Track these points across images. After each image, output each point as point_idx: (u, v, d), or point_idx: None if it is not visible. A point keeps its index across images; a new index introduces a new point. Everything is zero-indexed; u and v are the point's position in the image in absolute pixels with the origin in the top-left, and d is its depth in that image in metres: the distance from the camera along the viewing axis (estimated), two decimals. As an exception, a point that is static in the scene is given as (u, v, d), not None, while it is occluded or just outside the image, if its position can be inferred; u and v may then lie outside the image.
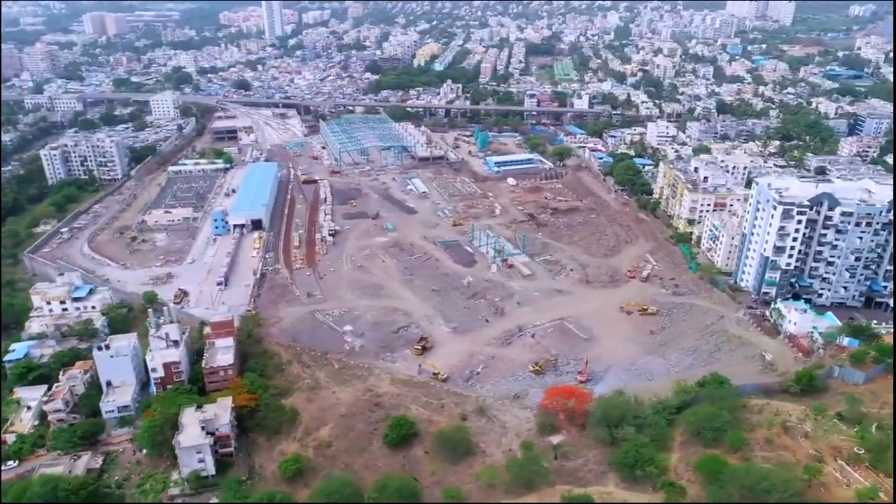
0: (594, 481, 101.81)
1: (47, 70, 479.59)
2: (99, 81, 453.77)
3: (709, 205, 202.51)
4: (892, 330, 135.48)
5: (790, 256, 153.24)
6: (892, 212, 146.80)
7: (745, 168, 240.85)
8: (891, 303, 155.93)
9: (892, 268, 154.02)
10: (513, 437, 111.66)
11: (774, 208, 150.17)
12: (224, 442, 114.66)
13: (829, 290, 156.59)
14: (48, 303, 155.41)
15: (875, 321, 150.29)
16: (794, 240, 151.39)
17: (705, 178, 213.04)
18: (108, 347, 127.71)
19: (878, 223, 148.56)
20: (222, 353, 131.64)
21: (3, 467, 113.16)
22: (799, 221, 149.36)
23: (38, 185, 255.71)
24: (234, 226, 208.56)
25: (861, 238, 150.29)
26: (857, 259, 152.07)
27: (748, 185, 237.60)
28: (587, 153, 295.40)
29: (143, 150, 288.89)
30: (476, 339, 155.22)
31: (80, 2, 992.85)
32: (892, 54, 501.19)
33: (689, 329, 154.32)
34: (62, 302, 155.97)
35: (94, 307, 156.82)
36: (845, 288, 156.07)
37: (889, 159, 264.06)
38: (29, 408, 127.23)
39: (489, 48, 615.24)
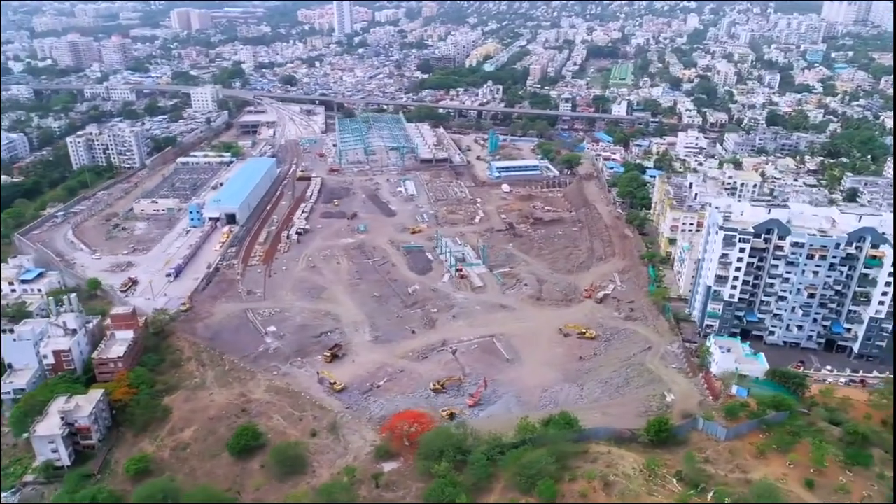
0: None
1: (119, 62, 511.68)
2: (160, 74, 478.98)
3: (691, 224, 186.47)
4: (824, 381, 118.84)
5: (733, 287, 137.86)
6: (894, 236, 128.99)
7: (755, 186, 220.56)
8: (855, 348, 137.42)
9: (855, 309, 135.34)
10: (350, 459, 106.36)
11: (717, 233, 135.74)
12: (84, 434, 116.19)
13: (781, 328, 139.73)
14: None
15: (828, 367, 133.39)
16: (738, 269, 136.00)
17: (696, 194, 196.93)
18: (11, 331, 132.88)
19: (834, 257, 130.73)
20: (117, 345, 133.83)
21: None
22: (742, 250, 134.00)
23: (61, 170, 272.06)
24: (210, 218, 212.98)
25: (816, 273, 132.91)
26: (811, 296, 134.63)
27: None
28: (601, 162, 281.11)
29: (164, 141, 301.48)
30: (394, 351, 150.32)
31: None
32: None
33: (615, 358, 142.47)
34: (10, 283, 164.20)
35: (40, 290, 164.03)
36: (799, 327, 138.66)
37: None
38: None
39: (550, 49, 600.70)
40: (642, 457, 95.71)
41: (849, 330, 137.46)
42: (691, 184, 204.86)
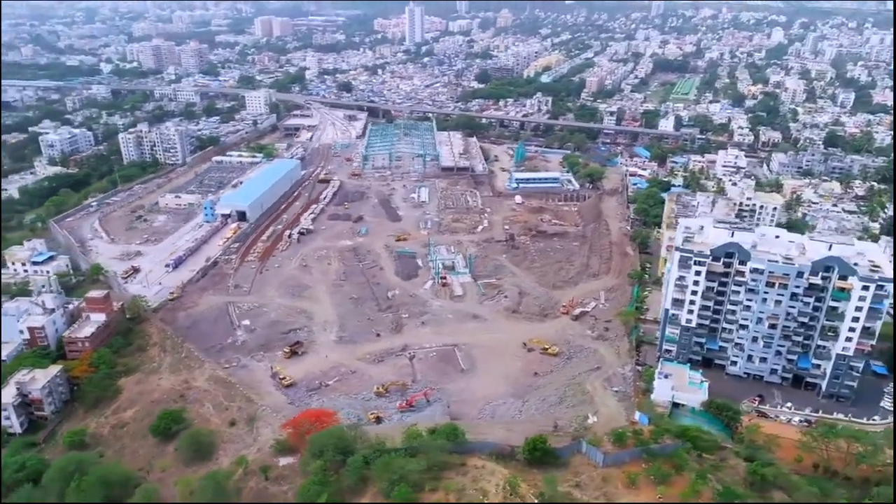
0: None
1: (194, 65, 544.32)
2: (228, 78, 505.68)
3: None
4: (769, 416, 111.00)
5: (690, 312, 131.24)
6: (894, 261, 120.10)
7: (774, 209, 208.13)
8: (823, 385, 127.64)
9: (823, 344, 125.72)
10: (254, 450, 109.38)
11: (674, 255, 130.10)
12: (37, 405, 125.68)
13: (742, 358, 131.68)
14: (12, 263, 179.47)
15: (788, 404, 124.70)
16: (694, 293, 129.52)
17: (698, 215, 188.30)
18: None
19: (797, 287, 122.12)
20: (89, 327, 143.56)
21: None
22: (698, 273, 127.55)
23: (110, 163, 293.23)
24: (222, 215, 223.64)
25: (778, 302, 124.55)
26: (773, 327, 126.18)
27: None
28: (626, 177, 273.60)
29: (207, 140, 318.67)
30: (354, 352, 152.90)
31: (267, 2, 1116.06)
32: None
33: (565, 376, 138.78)
34: (23, 264, 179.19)
35: (48, 271, 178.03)
36: (763, 359, 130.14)
37: None
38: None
39: (615, 62, 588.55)
40: (519, 475, 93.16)
41: (817, 366, 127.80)
42: (698, 203, 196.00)
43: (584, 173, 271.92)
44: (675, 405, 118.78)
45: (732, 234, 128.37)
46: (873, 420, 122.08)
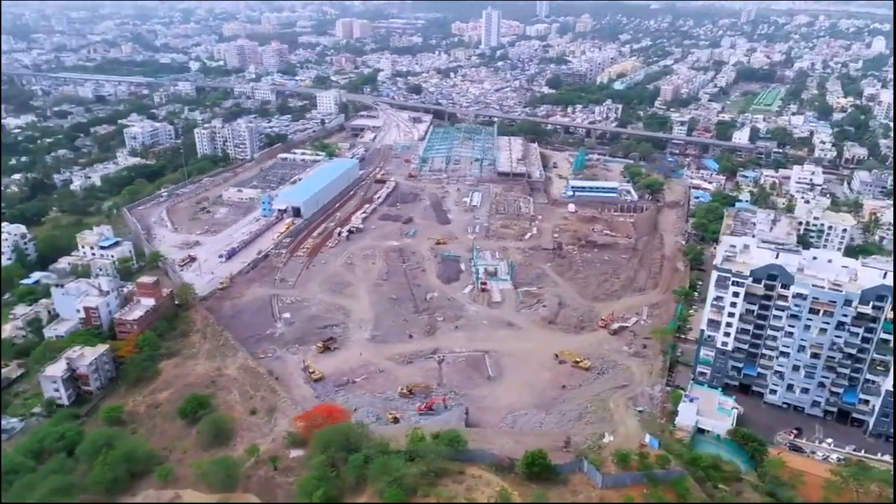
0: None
1: (274, 65, 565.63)
2: (304, 78, 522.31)
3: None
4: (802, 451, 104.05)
5: (727, 335, 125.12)
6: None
7: (843, 231, 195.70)
8: (871, 423, 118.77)
9: (873, 378, 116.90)
10: (269, 440, 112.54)
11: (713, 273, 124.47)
12: (84, 380, 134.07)
13: (781, 387, 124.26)
14: (82, 246, 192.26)
15: (829, 440, 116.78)
16: (731, 315, 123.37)
17: (755, 234, 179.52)
18: (62, 286, 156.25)
19: (844, 315, 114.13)
20: (138, 310, 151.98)
21: None
22: (736, 294, 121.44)
23: (185, 156, 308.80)
24: (278, 210, 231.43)
25: (824, 331, 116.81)
26: (815, 356, 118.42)
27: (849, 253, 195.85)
28: (689, 190, 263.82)
29: (276, 137, 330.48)
30: (384, 351, 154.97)
31: (351, 3, 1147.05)
32: None
33: (592, 391, 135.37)
34: (91, 248, 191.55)
35: (112, 256, 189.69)
36: (804, 390, 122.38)
37: None
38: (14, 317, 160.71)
39: (696, 70, 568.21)
40: (512, 488, 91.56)
41: (865, 402, 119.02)
42: (755, 222, 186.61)
43: (644, 184, 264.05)
44: (701, 431, 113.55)
45: (777, 255, 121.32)
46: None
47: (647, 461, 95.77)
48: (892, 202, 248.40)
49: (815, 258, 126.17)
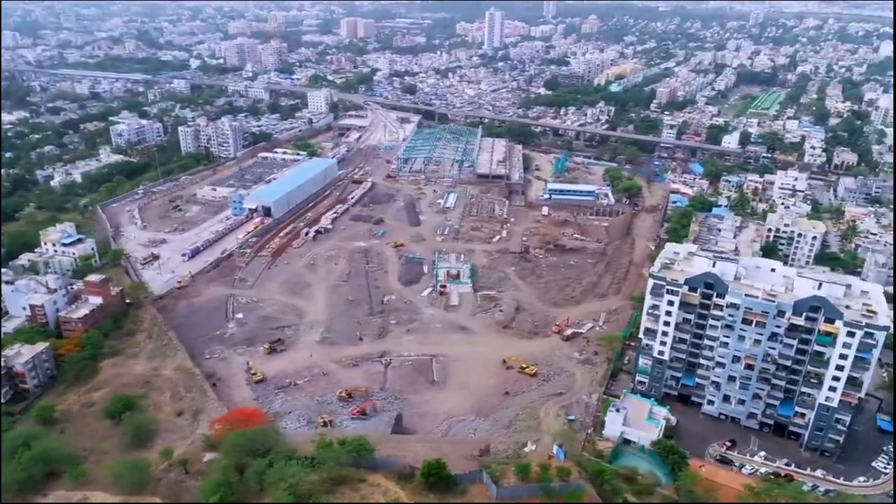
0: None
1: (272, 64, 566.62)
2: (301, 77, 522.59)
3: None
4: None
5: (663, 344, 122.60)
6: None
7: (814, 239, 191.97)
8: (806, 435, 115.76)
9: (808, 391, 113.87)
10: (187, 443, 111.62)
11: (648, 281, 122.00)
12: (20, 378, 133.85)
13: (718, 398, 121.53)
14: (45, 243, 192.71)
15: (762, 453, 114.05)
16: (667, 324, 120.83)
17: (717, 241, 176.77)
18: (12, 283, 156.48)
19: (777, 326, 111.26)
20: (84, 308, 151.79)
21: None
22: (671, 302, 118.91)
23: (169, 154, 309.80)
24: (249, 209, 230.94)
25: (757, 342, 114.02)
26: (749, 367, 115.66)
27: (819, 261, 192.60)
28: (668, 194, 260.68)
29: (260, 136, 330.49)
30: (331, 354, 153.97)
31: (359, 3, 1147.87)
32: None
33: (531, 398, 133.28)
34: (54, 244, 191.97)
35: (73, 253, 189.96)
36: (741, 402, 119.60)
37: None
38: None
39: (697, 72, 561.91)
40: (408, 497, 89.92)
41: (802, 415, 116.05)
42: (720, 229, 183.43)
43: (622, 187, 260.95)
44: (627, 441, 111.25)
45: (714, 263, 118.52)
46: (858, 481, 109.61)
47: (547, 473, 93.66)
48: (873, 209, 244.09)
49: (758, 267, 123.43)
